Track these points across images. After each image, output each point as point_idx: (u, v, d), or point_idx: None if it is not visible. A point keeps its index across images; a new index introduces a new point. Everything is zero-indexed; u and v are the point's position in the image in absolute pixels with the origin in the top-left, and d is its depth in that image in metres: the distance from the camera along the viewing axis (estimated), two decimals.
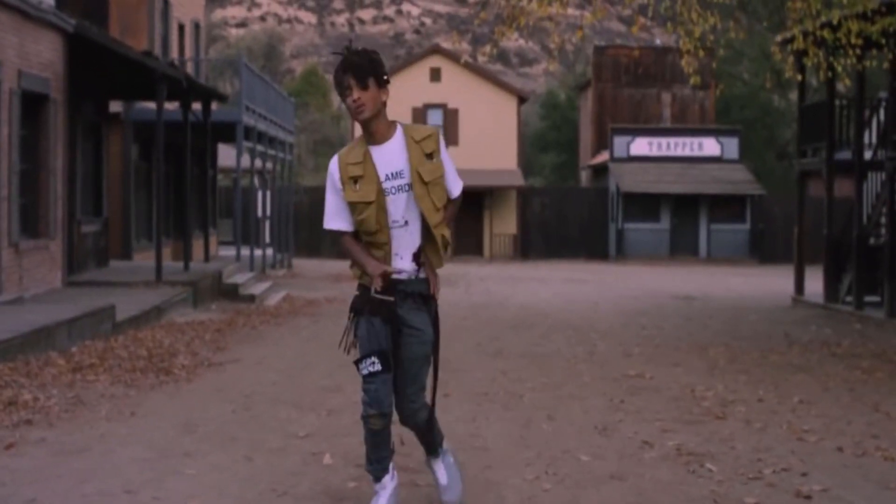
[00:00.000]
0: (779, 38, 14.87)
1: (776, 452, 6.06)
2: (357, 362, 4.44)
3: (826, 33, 11.97)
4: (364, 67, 4.25)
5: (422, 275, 4.44)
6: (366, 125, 4.35)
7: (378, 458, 4.47)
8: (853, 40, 11.64)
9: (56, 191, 13.97)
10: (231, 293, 16.10)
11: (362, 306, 4.42)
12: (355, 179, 4.32)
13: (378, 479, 4.49)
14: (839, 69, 12.79)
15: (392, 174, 4.35)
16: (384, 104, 4.34)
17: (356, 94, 4.25)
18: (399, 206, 4.36)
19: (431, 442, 4.68)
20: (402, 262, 4.41)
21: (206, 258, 19.48)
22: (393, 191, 4.35)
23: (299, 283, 20.69)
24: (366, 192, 4.32)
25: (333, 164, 4.40)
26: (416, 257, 4.42)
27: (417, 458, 5.56)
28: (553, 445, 6.12)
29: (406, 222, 4.39)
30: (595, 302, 17.25)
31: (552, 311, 15.29)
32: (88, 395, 7.56)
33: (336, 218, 4.44)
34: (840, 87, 18.75)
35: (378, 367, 4.35)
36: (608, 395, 7.92)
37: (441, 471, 4.70)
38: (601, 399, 7.78)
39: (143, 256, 19.07)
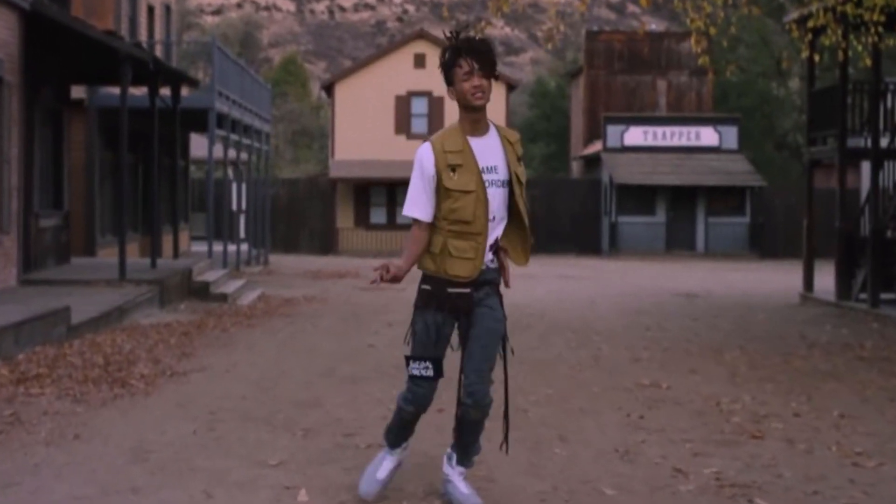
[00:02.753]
0: (795, 14, 13.99)
1: (832, 482, 5.22)
2: (408, 358, 4.52)
3: (849, 7, 11.08)
4: (488, 57, 4.38)
5: (494, 265, 4.55)
6: (473, 114, 4.42)
7: (402, 436, 4.72)
8: (876, 16, 10.78)
9: (10, 181, 13.05)
10: (202, 292, 15.26)
11: (439, 302, 4.48)
12: (453, 168, 4.38)
13: (393, 447, 4.73)
14: (859, 48, 11.92)
15: (488, 168, 4.43)
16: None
17: (478, 80, 4.35)
18: (494, 201, 4.45)
19: (476, 441, 4.68)
20: (486, 254, 4.54)
21: (176, 254, 18.55)
22: (489, 184, 4.42)
23: (276, 281, 19.86)
24: (465, 181, 4.38)
25: (426, 150, 4.42)
26: (493, 248, 4.52)
27: (410, 493, 4.80)
28: (570, 475, 5.28)
29: (494, 217, 4.47)
30: (592, 300, 16.40)
31: (547, 311, 14.41)
32: (29, 412, 6.67)
33: (417, 205, 4.47)
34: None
35: (430, 373, 4.48)
36: (624, 410, 7.04)
37: (461, 482, 4.68)
38: (616, 414, 6.89)
39: (109, 253, 18.26)
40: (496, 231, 4.50)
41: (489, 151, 4.44)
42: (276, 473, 5.20)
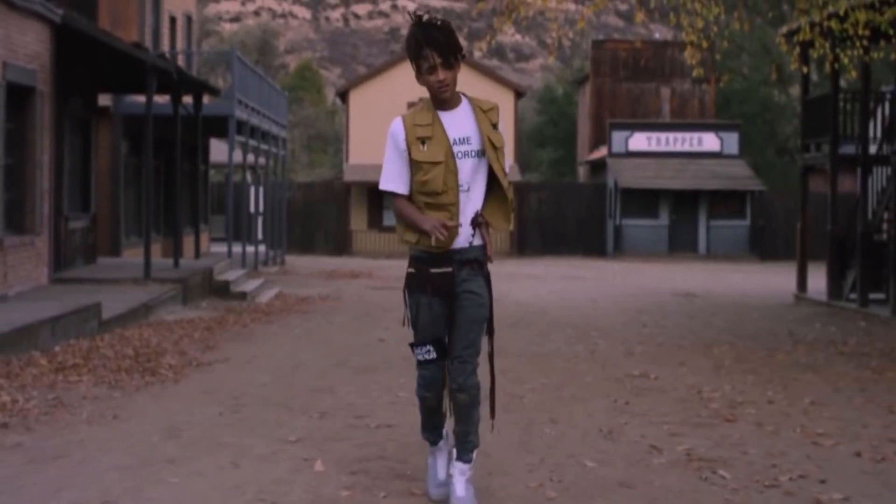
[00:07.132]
0: (784, 29, 14.58)
1: (791, 458, 5.79)
2: (412, 345, 4.56)
3: (833, 23, 11.67)
4: (449, 46, 4.36)
5: (476, 241, 4.52)
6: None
7: (433, 426, 4.76)
8: (860, 31, 11.35)
9: (42, 185, 13.65)
10: (222, 290, 15.81)
11: (421, 284, 4.50)
12: (423, 140, 4.41)
13: (434, 443, 4.81)
14: (846, 61, 12.50)
15: (460, 139, 4.45)
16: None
17: (442, 74, 4.37)
18: (465, 171, 4.46)
19: (470, 432, 4.60)
20: (461, 229, 4.48)
21: (197, 255, 19.16)
22: (460, 155, 4.44)
23: (292, 281, 20.40)
24: (434, 152, 4.40)
25: (397, 125, 4.47)
26: (473, 221, 4.49)
27: (414, 465, 5.33)
28: (556, 450, 5.85)
29: (468, 188, 4.48)
30: (594, 299, 16.95)
31: (550, 309, 14.99)
32: (70, 396, 7.26)
33: (392, 180, 4.50)
34: (842, 81, 18.47)
35: (433, 355, 4.50)
36: (612, 397, 7.64)
37: (460, 482, 4.61)
38: (605, 401, 7.49)
39: (133, 253, 18.75)
40: (474, 202, 4.48)
41: (460, 123, 4.44)
42: (294, 448, 5.73)
